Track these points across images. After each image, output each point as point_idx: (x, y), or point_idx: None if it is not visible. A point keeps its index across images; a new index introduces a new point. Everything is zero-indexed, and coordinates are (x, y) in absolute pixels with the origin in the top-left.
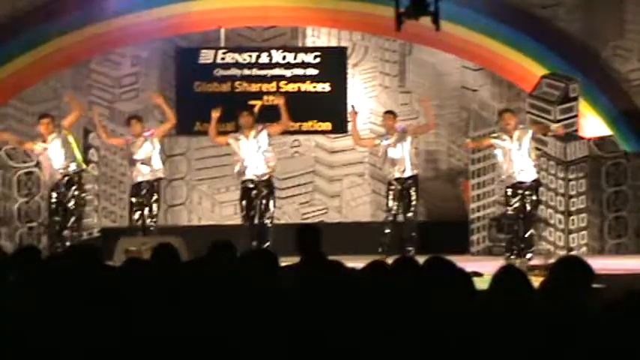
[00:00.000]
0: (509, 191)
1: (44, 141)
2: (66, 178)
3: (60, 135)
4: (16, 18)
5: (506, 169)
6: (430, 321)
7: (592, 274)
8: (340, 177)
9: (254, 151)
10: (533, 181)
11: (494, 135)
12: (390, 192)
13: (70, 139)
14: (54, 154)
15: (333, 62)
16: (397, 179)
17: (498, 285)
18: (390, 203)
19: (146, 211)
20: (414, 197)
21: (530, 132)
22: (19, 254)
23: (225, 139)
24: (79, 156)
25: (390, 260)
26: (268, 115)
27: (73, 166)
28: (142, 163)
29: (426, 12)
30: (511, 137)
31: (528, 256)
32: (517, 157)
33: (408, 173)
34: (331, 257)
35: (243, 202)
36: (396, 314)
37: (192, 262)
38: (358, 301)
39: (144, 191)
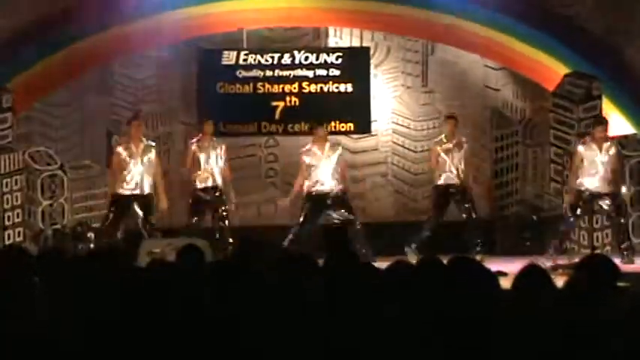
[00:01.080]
0: (573, 198)
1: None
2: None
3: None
4: (38, 22)
5: (581, 175)
6: (453, 318)
7: (618, 273)
8: (363, 177)
9: (327, 165)
10: (610, 192)
11: (579, 145)
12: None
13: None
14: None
15: (356, 62)
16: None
17: (520, 283)
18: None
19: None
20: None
21: (615, 149)
22: (43, 256)
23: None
24: None
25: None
26: (289, 115)
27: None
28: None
29: None
30: (600, 148)
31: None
32: (595, 167)
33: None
34: None
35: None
36: (419, 313)
37: (219, 263)
38: (382, 300)
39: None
